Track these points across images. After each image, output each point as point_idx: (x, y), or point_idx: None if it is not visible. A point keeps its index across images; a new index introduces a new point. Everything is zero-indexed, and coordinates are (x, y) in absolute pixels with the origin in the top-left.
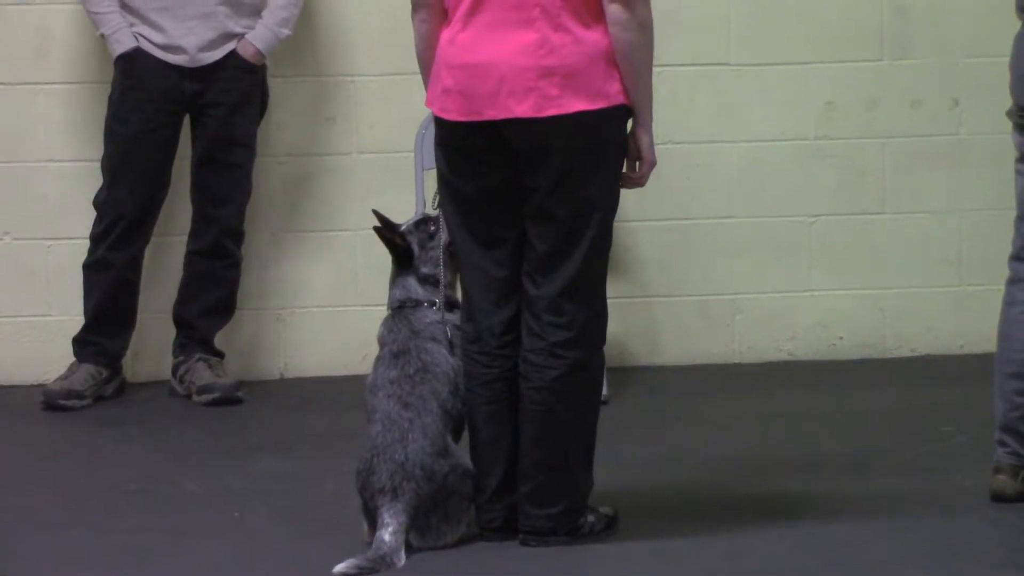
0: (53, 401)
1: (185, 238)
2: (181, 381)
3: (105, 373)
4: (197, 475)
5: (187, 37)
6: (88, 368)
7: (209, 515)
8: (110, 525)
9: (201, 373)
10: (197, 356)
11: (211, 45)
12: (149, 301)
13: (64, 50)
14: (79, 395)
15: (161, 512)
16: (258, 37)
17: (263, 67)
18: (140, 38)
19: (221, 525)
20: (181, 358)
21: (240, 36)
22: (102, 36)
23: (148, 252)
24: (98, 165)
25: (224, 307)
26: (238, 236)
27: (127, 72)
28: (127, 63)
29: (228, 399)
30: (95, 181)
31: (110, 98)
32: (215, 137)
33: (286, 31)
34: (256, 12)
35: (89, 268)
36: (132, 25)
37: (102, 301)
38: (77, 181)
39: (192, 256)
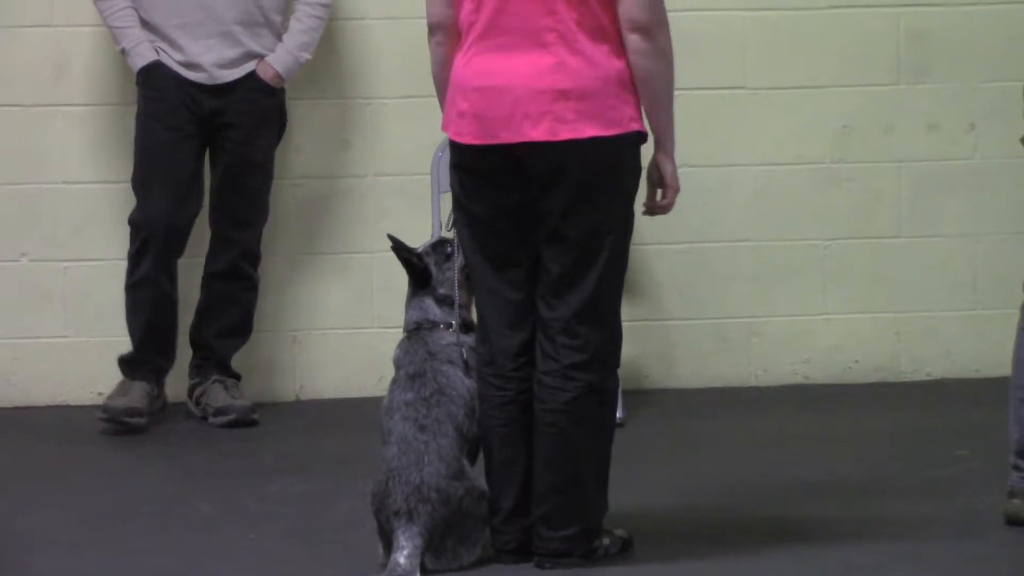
0: (117, 418)
1: (202, 259)
2: (197, 403)
3: (156, 391)
4: (213, 497)
5: (205, 55)
6: (143, 386)
7: (224, 536)
8: (126, 546)
9: (217, 395)
10: (213, 378)
11: (231, 63)
12: None
13: (82, 72)
14: (140, 412)
15: (177, 533)
16: (278, 60)
17: (282, 90)
18: (160, 53)
19: (236, 546)
20: (197, 380)
21: (260, 56)
22: (122, 51)
23: None
24: (116, 187)
25: (241, 329)
26: (255, 258)
27: (148, 85)
28: (148, 76)
29: (244, 421)
30: (112, 203)
31: (137, 116)
32: (234, 160)
33: (306, 55)
34: (275, 33)
35: (133, 288)
36: (152, 42)
37: (151, 319)
38: (94, 203)
39: (210, 278)
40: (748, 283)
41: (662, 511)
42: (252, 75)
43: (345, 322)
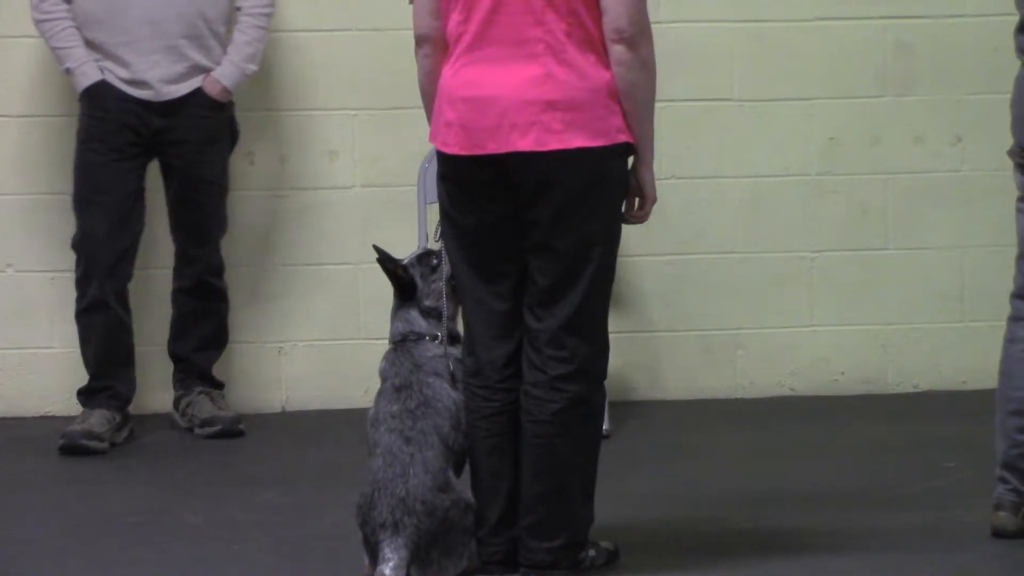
0: (75, 442)
1: (169, 271)
2: (183, 414)
3: (118, 418)
4: (198, 508)
5: (152, 71)
6: (103, 413)
7: (210, 548)
8: (111, 557)
9: (203, 406)
10: (198, 389)
11: (178, 78)
12: (144, 334)
13: (66, 81)
14: (99, 437)
15: (162, 545)
16: (224, 74)
17: (230, 103)
18: (105, 72)
19: (222, 558)
20: (181, 392)
21: (206, 70)
22: (67, 71)
23: (140, 285)
24: None
25: (217, 340)
26: (219, 270)
27: (94, 105)
28: (93, 96)
29: (230, 432)
30: None
31: (77, 134)
32: (186, 178)
33: (252, 66)
34: (222, 44)
35: (83, 314)
36: (97, 60)
37: (103, 344)
38: None
39: (178, 294)
40: (735, 295)
41: (648, 523)
42: (199, 91)
43: (331, 334)
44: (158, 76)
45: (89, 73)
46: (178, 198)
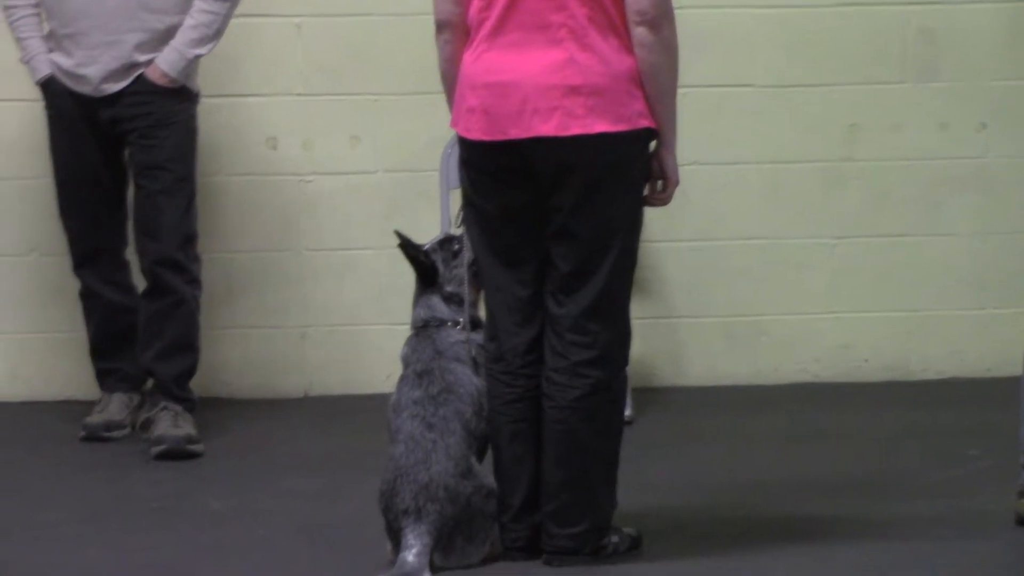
0: (96, 434)
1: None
2: (144, 431)
3: (137, 399)
4: (221, 493)
5: (90, 67)
6: (120, 398)
7: (234, 533)
8: (134, 542)
9: (160, 423)
10: (161, 404)
11: (114, 76)
12: None
13: None
14: (119, 425)
15: (185, 530)
16: (165, 59)
17: (182, 90)
18: (54, 65)
19: (246, 543)
20: (148, 410)
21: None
22: (24, 62)
23: None
24: None
25: (181, 348)
26: (180, 269)
27: (47, 100)
28: (45, 91)
29: (177, 452)
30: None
31: (47, 126)
32: (138, 165)
33: (197, 51)
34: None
35: (81, 297)
36: (51, 51)
37: (101, 326)
38: None
39: (140, 298)
40: (757, 281)
41: (671, 509)
42: (141, 78)
43: (354, 319)
44: (95, 72)
45: (38, 68)
46: (135, 188)
